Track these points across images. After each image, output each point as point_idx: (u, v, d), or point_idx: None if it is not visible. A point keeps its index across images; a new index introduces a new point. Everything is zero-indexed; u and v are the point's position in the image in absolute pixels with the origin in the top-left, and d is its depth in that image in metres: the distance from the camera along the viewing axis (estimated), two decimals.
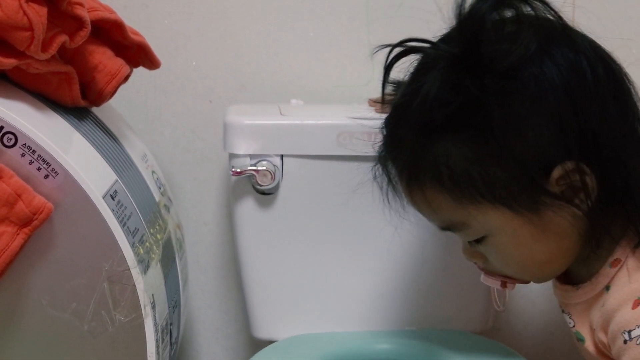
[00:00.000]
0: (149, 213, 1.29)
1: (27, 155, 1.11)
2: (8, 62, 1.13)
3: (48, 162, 1.11)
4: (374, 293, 1.46)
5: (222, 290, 1.68)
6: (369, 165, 1.37)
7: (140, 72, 1.37)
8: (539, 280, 1.21)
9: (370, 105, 1.44)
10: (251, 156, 1.39)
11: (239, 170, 1.38)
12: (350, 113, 1.40)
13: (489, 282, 1.22)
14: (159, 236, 1.30)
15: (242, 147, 1.39)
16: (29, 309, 1.14)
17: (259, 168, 1.39)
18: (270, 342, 1.45)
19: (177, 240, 1.43)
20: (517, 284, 1.21)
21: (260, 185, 1.39)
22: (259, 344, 1.46)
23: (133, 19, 1.34)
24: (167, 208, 1.42)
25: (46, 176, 1.11)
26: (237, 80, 1.60)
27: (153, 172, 1.41)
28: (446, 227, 1.16)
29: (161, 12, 1.56)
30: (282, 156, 1.40)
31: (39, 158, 1.11)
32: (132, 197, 1.24)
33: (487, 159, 1.07)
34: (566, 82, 1.06)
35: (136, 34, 1.32)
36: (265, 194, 1.42)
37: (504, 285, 1.21)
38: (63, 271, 1.14)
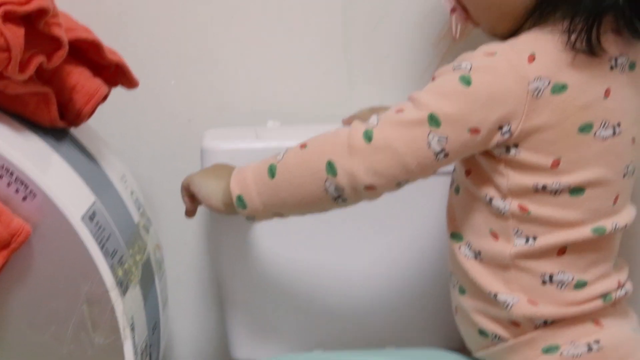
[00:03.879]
0: (128, 234, 1.29)
1: (4, 177, 1.10)
2: None
3: (26, 184, 1.11)
4: (354, 313, 1.46)
5: (202, 310, 1.67)
6: None
7: (118, 91, 1.36)
8: (479, 21, 1.24)
9: (344, 125, 1.44)
10: None
11: None
12: None
13: (445, 4, 1.27)
14: (138, 257, 1.30)
15: None
16: (8, 331, 1.14)
17: None
18: None
19: (156, 261, 1.42)
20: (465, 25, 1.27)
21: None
22: None
23: (111, 38, 1.34)
24: (147, 228, 1.41)
25: (24, 198, 1.11)
26: (216, 100, 1.60)
27: (132, 192, 1.41)
28: None
29: (139, 31, 1.55)
30: None
31: (17, 180, 1.10)
32: (111, 218, 1.23)
33: None
34: None
35: (114, 53, 1.32)
36: None
37: (452, 10, 1.26)
38: (42, 293, 1.13)
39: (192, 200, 1.29)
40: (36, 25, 1.13)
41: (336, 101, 1.58)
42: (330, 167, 1.14)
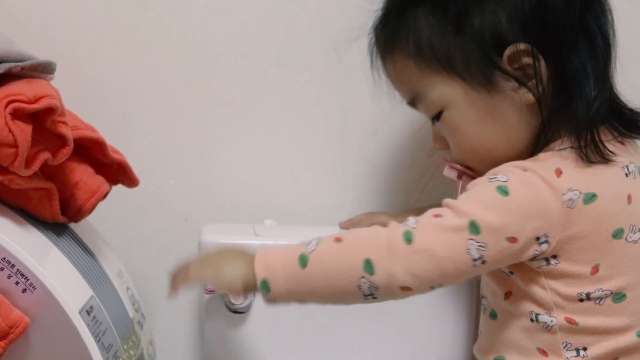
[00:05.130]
0: (123, 329, 1.30)
1: (5, 269, 1.12)
2: None
3: (26, 277, 1.12)
4: None
5: None
6: None
7: (118, 188, 1.38)
8: (486, 170, 1.21)
9: (341, 228, 1.46)
10: None
11: (211, 289, 1.39)
12: (322, 235, 1.42)
13: (450, 175, 1.26)
14: (132, 352, 1.31)
15: None
16: None
17: None
18: None
19: (149, 356, 1.42)
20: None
21: (233, 304, 1.40)
22: None
23: (114, 136, 1.36)
24: (141, 324, 1.42)
25: (24, 290, 1.12)
26: (213, 199, 1.61)
27: (128, 288, 1.42)
28: (411, 100, 1.24)
29: (141, 131, 1.58)
30: None
31: (17, 272, 1.12)
32: (107, 313, 1.24)
33: (446, 28, 1.16)
34: None
35: (117, 152, 1.34)
36: (238, 313, 1.42)
37: (459, 177, 1.25)
38: None
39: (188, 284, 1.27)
40: (43, 123, 1.16)
41: (332, 205, 1.60)
42: (368, 265, 1.13)
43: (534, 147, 1.18)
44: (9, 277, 1.12)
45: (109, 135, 1.34)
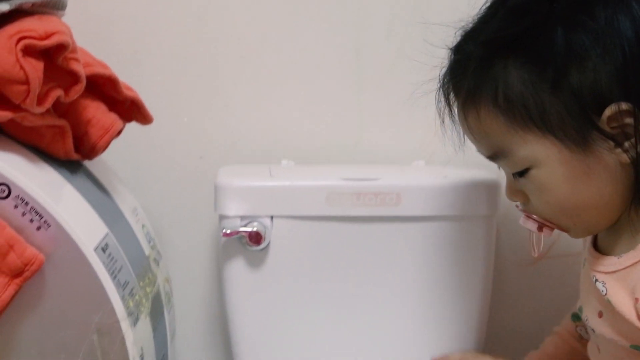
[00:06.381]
0: (139, 266, 1.30)
1: (20, 206, 1.11)
2: (3, 115, 1.14)
3: (40, 214, 1.12)
4: (362, 351, 1.47)
5: (209, 345, 1.68)
6: (357, 226, 1.39)
7: (132, 126, 1.38)
8: (575, 228, 1.19)
9: None
10: (241, 217, 1.41)
11: (229, 231, 1.39)
12: (340, 174, 1.42)
13: (527, 225, 1.22)
14: (148, 289, 1.31)
15: (233, 208, 1.40)
16: (18, 359, 1.14)
17: (249, 229, 1.40)
18: None
19: (165, 294, 1.43)
20: (554, 231, 1.21)
21: (251, 246, 1.40)
22: None
23: (126, 74, 1.35)
24: (157, 262, 1.42)
25: (38, 228, 1.12)
26: (228, 138, 1.61)
27: (143, 225, 1.42)
28: (493, 154, 1.17)
29: (154, 68, 1.57)
30: (272, 217, 1.41)
31: (31, 210, 1.12)
32: (122, 250, 1.24)
33: (542, 84, 1.10)
34: (637, 26, 1.08)
35: (129, 89, 1.34)
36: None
37: (540, 229, 1.21)
38: (53, 322, 1.14)
39: None
40: (55, 60, 1.15)
41: (348, 143, 1.59)
42: None
43: (629, 206, 1.14)
44: (23, 214, 1.11)
45: (120, 73, 1.33)
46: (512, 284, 1.63)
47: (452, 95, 1.20)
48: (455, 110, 1.20)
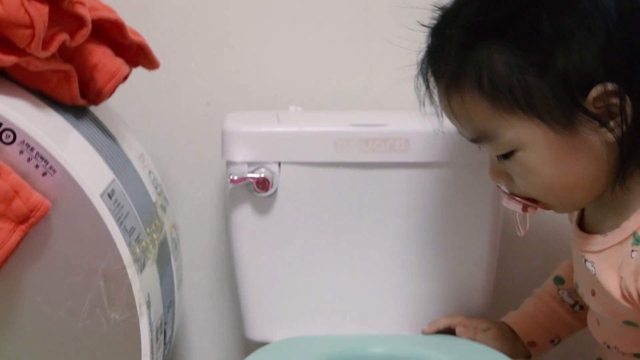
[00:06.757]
0: (145, 213, 1.30)
1: (25, 152, 1.11)
2: (8, 60, 1.13)
3: (46, 160, 1.11)
4: (368, 297, 1.47)
5: (216, 291, 1.68)
6: (365, 172, 1.38)
7: (138, 72, 1.37)
8: (561, 206, 1.20)
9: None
10: (249, 163, 1.40)
11: (236, 178, 1.39)
12: (348, 120, 1.41)
13: (511, 206, 1.23)
14: (155, 236, 1.31)
15: (240, 154, 1.40)
16: (24, 306, 1.14)
17: (257, 175, 1.39)
18: (264, 343, 1.45)
19: (172, 241, 1.43)
20: (538, 210, 1.22)
21: (258, 192, 1.40)
22: (253, 346, 1.46)
23: (133, 19, 1.34)
24: (164, 208, 1.42)
25: (44, 174, 1.11)
26: (236, 84, 1.60)
27: (150, 172, 1.42)
28: (477, 137, 1.17)
29: (161, 13, 1.56)
30: (279, 163, 1.41)
31: (37, 155, 1.11)
32: (129, 197, 1.24)
33: (528, 68, 1.09)
34: (621, 6, 1.08)
35: (136, 34, 1.33)
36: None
37: (524, 209, 1.22)
38: (59, 269, 1.14)
39: None
40: (60, 4, 1.14)
41: (357, 88, 1.59)
42: None
43: (613, 183, 1.15)
44: (29, 160, 1.11)
45: (127, 17, 1.32)
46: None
47: (432, 79, 1.19)
48: (436, 95, 1.20)
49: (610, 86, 1.07)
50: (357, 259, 1.46)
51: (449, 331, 1.45)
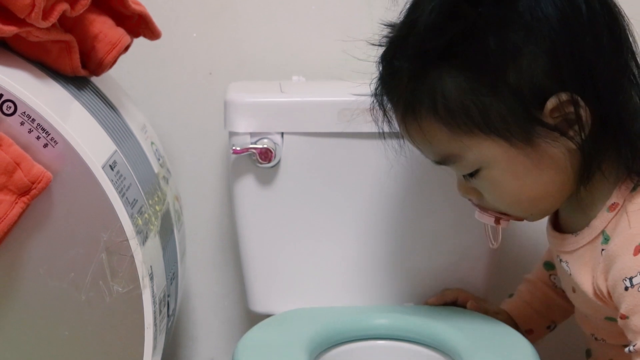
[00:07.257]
0: (148, 184, 1.29)
1: (26, 123, 1.10)
2: (8, 30, 1.12)
3: (47, 131, 1.10)
4: (372, 268, 1.46)
5: (219, 263, 1.68)
6: (369, 142, 1.37)
7: (140, 42, 1.36)
8: (532, 216, 1.22)
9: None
10: (251, 134, 1.39)
11: (239, 148, 1.38)
12: (352, 89, 1.40)
13: (483, 219, 1.24)
14: (157, 207, 1.30)
15: (243, 125, 1.39)
16: (27, 278, 1.14)
17: (260, 146, 1.38)
18: (267, 315, 1.45)
19: (175, 212, 1.42)
20: (510, 221, 1.24)
21: (261, 163, 1.39)
22: (256, 318, 1.46)
23: None
24: (166, 179, 1.41)
25: (45, 145, 1.11)
26: (238, 54, 1.59)
27: (152, 143, 1.41)
28: (441, 160, 1.18)
29: None
30: (282, 134, 1.40)
31: (38, 127, 1.10)
32: (131, 168, 1.23)
33: (481, 89, 1.09)
34: (561, 13, 1.07)
35: (137, 3, 1.32)
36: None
37: (497, 221, 1.24)
38: (61, 241, 1.13)
39: None
40: None
41: (360, 57, 1.57)
42: None
43: (578, 186, 1.15)
44: (30, 131, 1.10)
45: None
46: None
47: (389, 106, 1.20)
48: (395, 121, 1.21)
49: (564, 96, 1.08)
50: (361, 230, 1.45)
51: (454, 305, 1.45)
